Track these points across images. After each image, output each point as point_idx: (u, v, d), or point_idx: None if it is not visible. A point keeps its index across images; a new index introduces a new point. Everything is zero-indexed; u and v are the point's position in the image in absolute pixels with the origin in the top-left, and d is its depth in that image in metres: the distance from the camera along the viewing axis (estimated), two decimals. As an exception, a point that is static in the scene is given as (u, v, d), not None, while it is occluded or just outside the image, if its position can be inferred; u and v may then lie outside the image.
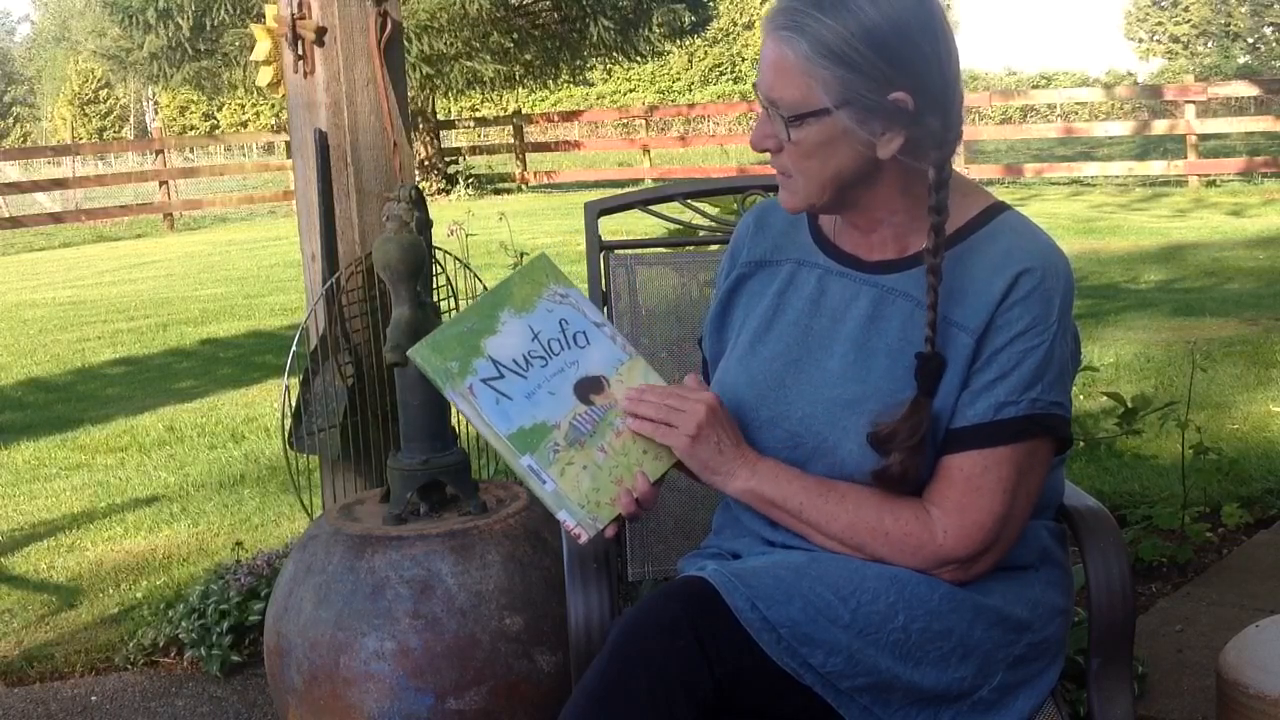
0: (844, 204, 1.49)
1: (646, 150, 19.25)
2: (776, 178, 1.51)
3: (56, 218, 17.21)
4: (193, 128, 46.17)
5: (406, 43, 13.74)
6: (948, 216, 1.44)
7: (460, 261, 2.84)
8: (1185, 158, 14.32)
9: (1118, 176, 15.05)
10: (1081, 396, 4.52)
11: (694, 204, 2.22)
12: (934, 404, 1.43)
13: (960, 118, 1.47)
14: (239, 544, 3.53)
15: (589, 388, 1.48)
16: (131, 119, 51.25)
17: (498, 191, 18.49)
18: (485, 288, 1.80)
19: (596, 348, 1.50)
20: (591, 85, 35.44)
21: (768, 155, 1.50)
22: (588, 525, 1.44)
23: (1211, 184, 14.01)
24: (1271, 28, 48.59)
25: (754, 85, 1.50)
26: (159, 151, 17.81)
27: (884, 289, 1.50)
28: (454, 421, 2.49)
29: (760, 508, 1.49)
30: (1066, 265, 1.48)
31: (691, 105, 27.98)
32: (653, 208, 2.23)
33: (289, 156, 11.12)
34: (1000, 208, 1.52)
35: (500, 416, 1.44)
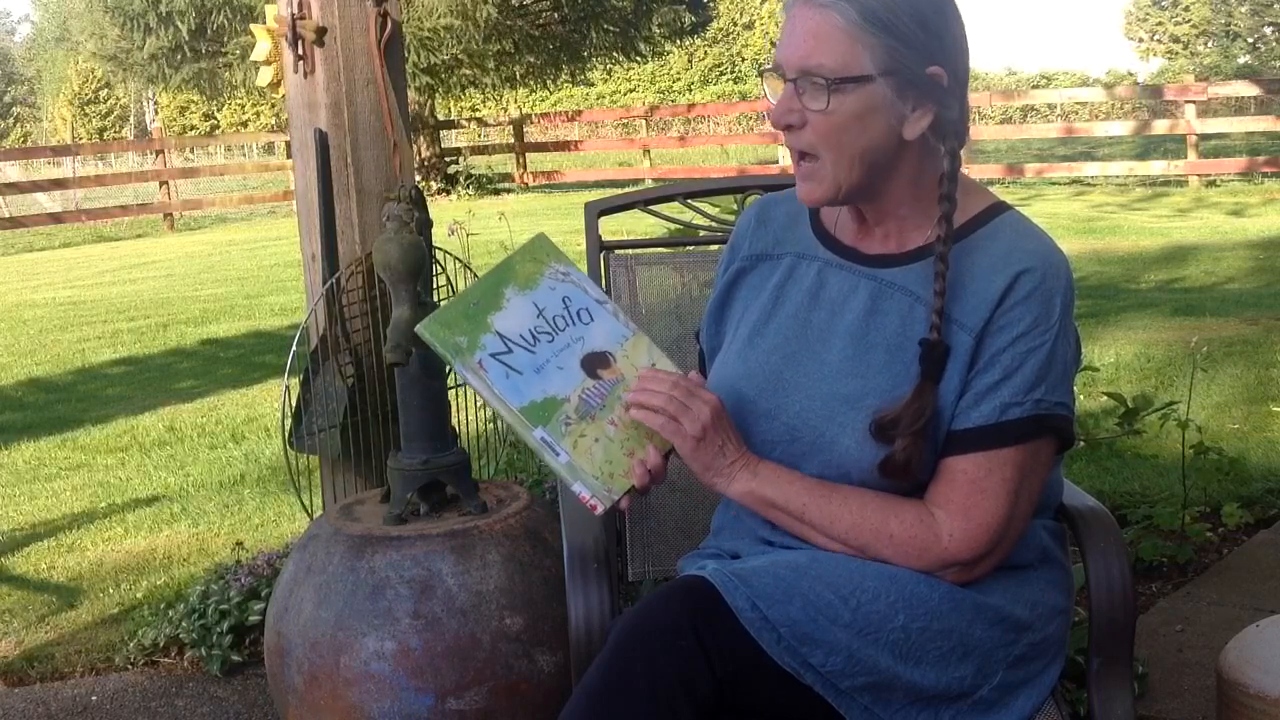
0: (865, 189, 1.48)
1: (646, 150, 19.25)
2: (797, 171, 1.49)
3: (56, 218, 17.21)
4: (193, 128, 46.20)
5: (405, 52, 13.74)
6: (957, 207, 1.45)
7: (460, 261, 2.84)
8: (1185, 158, 14.32)
9: (1118, 176, 15.05)
10: (1082, 396, 4.52)
11: (694, 204, 2.22)
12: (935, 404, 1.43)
13: (969, 110, 1.49)
14: (239, 544, 3.53)
15: (596, 362, 1.49)
16: (131, 119, 51.26)
17: (498, 192, 18.48)
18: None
19: (600, 324, 1.51)
20: (592, 85, 35.47)
21: (779, 154, 1.50)
22: (603, 497, 1.45)
23: (1212, 184, 14.01)
24: (1272, 28, 48.57)
25: (761, 70, 1.49)
26: (159, 151, 17.81)
27: (883, 282, 1.50)
28: (454, 421, 2.49)
29: (761, 510, 1.49)
30: (1066, 266, 1.48)
31: (691, 105, 28.02)
32: (653, 208, 2.23)
33: (289, 156, 11.11)
34: (1002, 207, 1.53)
35: (511, 390, 1.44)
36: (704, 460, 1.47)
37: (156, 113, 43.57)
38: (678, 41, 18.00)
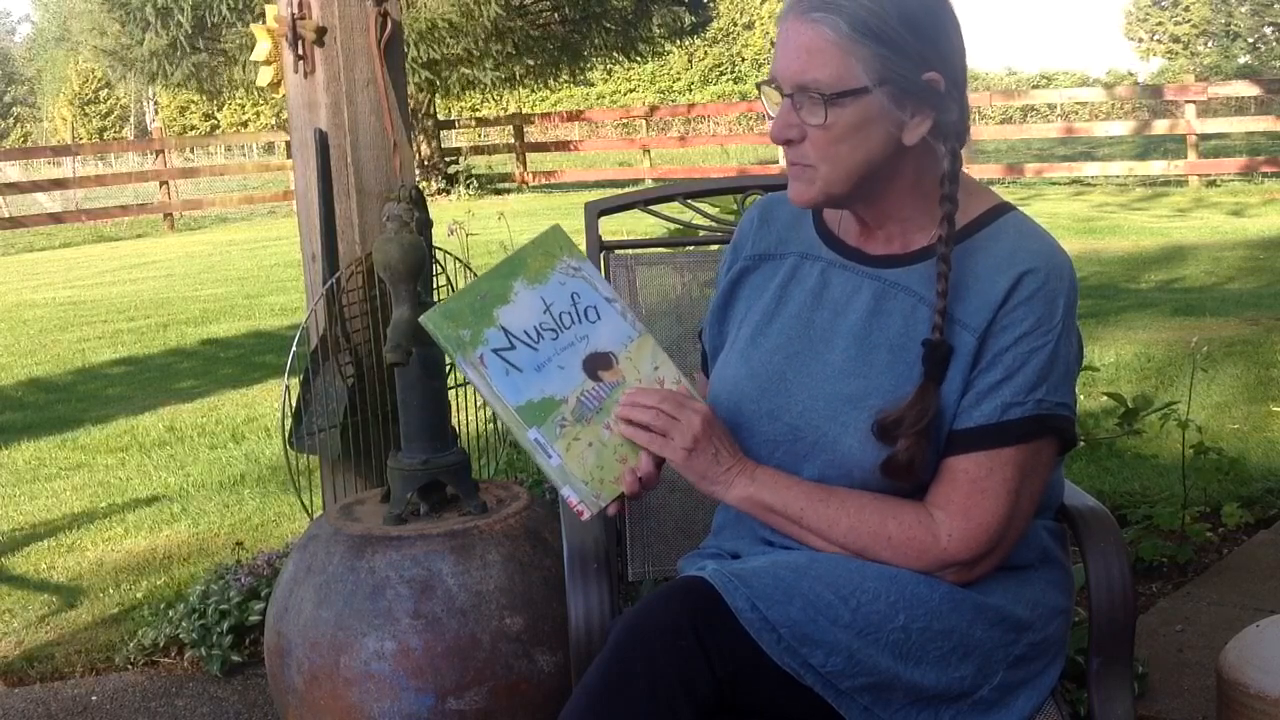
0: (860, 197, 1.48)
1: (646, 150, 19.24)
2: (789, 171, 1.49)
3: (56, 218, 17.21)
4: (193, 128, 46.18)
5: (405, 48, 13.77)
6: (959, 207, 1.45)
7: (460, 261, 2.84)
8: (1185, 157, 14.31)
9: (1118, 176, 15.05)
10: (1082, 396, 4.51)
11: (694, 204, 2.22)
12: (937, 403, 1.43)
13: (969, 110, 1.49)
14: (239, 544, 3.53)
15: (598, 364, 1.47)
16: (132, 119, 51.25)
17: (498, 191, 18.48)
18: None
19: (607, 323, 1.49)
20: (592, 85, 35.47)
21: (779, 155, 1.50)
22: (591, 502, 1.44)
23: (1212, 184, 14.00)
24: (1272, 28, 48.57)
25: (760, 83, 1.48)
26: (159, 151, 17.80)
27: (886, 283, 1.50)
28: (454, 421, 2.49)
29: (760, 515, 1.49)
30: (1070, 266, 1.48)
31: (691, 105, 27.98)
32: (653, 208, 2.23)
33: (289, 156, 11.10)
34: (1005, 208, 1.53)
35: (509, 388, 1.44)
36: (699, 470, 1.46)
37: (156, 113, 43.57)
38: (678, 41, 18.01)
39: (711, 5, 18.40)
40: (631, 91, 42.76)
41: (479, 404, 2.75)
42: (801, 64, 1.41)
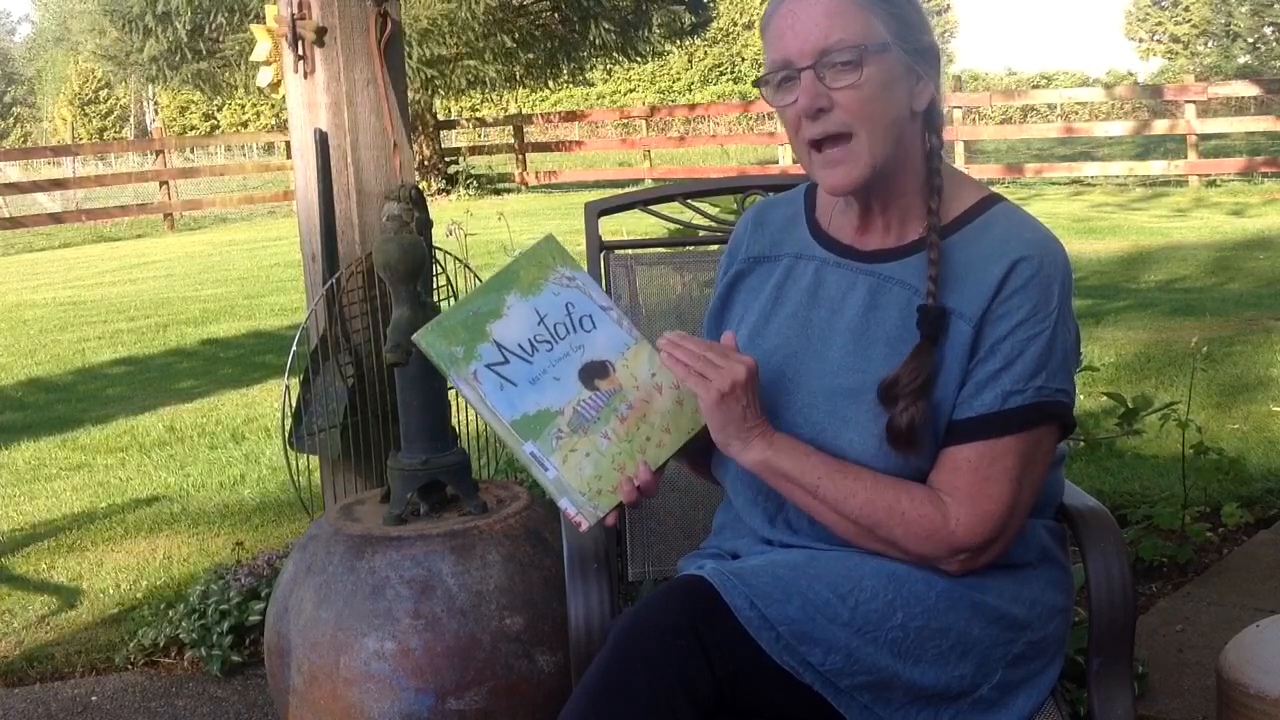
0: (886, 171, 1.47)
1: (646, 151, 19.24)
2: (825, 160, 1.46)
3: (56, 218, 17.20)
4: (193, 128, 46.15)
5: (408, 48, 13.77)
6: (945, 191, 1.49)
7: (460, 261, 2.84)
8: (1185, 158, 14.31)
9: (1118, 176, 15.05)
10: (1082, 396, 4.52)
11: (694, 204, 2.22)
12: (935, 394, 1.43)
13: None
14: (239, 544, 3.53)
15: (594, 373, 1.47)
16: (132, 119, 51.23)
17: (498, 192, 18.48)
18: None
19: (602, 331, 1.49)
20: (591, 85, 35.43)
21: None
22: (589, 513, 1.44)
23: (1212, 184, 14.00)
24: (1272, 28, 48.56)
25: (760, 79, 1.48)
26: (159, 152, 17.79)
27: (881, 278, 1.51)
28: (454, 421, 2.49)
29: (773, 482, 1.47)
30: (1063, 252, 1.49)
31: (691, 105, 27.96)
32: (653, 208, 2.23)
33: (289, 156, 11.12)
34: (995, 199, 1.54)
35: (504, 403, 1.44)
36: (722, 419, 1.44)
37: (156, 113, 43.56)
38: (678, 42, 17.98)
39: (711, 5, 18.35)
40: (631, 91, 42.73)
41: (479, 404, 2.74)
42: (823, 29, 1.42)
